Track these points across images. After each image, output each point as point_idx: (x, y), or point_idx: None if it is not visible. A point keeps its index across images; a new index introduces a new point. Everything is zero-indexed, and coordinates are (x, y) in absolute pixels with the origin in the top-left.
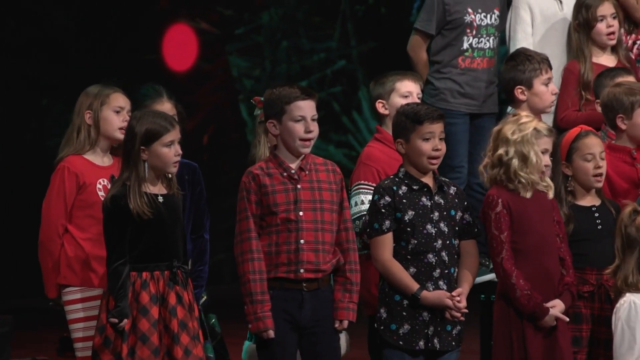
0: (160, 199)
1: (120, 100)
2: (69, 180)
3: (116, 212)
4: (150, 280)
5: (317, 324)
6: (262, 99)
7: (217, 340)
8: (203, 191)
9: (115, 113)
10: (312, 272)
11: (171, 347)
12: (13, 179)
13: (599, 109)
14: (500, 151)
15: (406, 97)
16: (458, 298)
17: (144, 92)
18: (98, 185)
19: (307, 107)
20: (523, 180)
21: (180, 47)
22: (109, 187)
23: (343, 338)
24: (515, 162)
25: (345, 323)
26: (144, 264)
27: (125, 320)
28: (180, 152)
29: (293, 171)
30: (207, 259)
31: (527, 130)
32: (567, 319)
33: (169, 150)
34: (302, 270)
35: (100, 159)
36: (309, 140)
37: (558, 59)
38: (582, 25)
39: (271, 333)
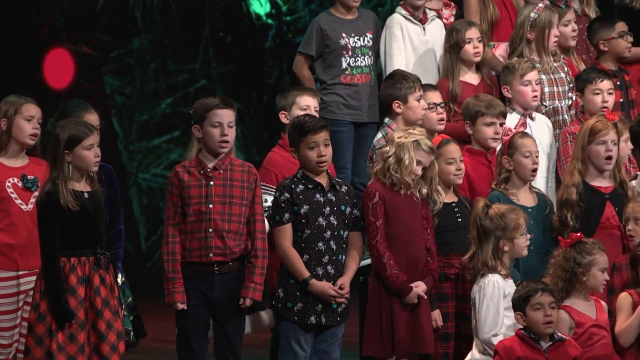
0: (86, 195)
1: (31, 109)
2: None
3: (50, 206)
4: (77, 265)
5: (227, 303)
6: None
7: (135, 315)
8: (117, 188)
9: (27, 121)
10: (221, 256)
11: (96, 322)
12: None
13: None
14: (384, 149)
15: (304, 109)
16: (341, 292)
17: (75, 104)
18: (7, 183)
19: (224, 115)
20: (394, 179)
21: (58, 68)
22: (19, 185)
23: (265, 315)
24: (391, 160)
25: (248, 301)
26: (71, 250)
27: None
28: (100, 154)
29: (209, 170)
30: (122, 243)
31: (409, 139)
32: (425, 297)
33: (90, 153)
34: (211, 255)
35: (12, 160)
36: (225, 142)
37: (420, 78)
38: (452, 46)
39: (179, 306)
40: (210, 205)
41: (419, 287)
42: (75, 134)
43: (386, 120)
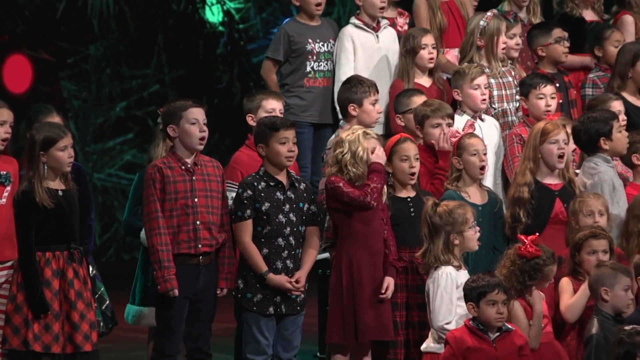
0: (60, 193)
1: (4, 114)
2: None
3: (26, 204)
4: (52, 259)
5: (208, 292)
6: None
7: (106, 306)
8: (87, 186)
9: (0, 125)
10: (207, 247)
11: (69, 313)
12: None
13: (400, 122)
14: (337, 151)
15: (270, 112)
16: (297, 285)
17: (38, 109)
18: None
19: (199, 113)
20: (352, 174)
21: (18, 73)
22: None
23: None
24: (347, 157)
25: (225, 291)
26: (46, 245)
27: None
28: (73, 154)
29: (189, 165)
30: (92, 238)
31: (358, 132)
32: (389, 297)
33: (64, 154)
34: (200, 246)
35: None
36: (203, 139)
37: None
38: (408, 51)
39: (176, 292)
40: (196, 199)
41: (388, 283)
42: (50, 135)
43: (341, 122)
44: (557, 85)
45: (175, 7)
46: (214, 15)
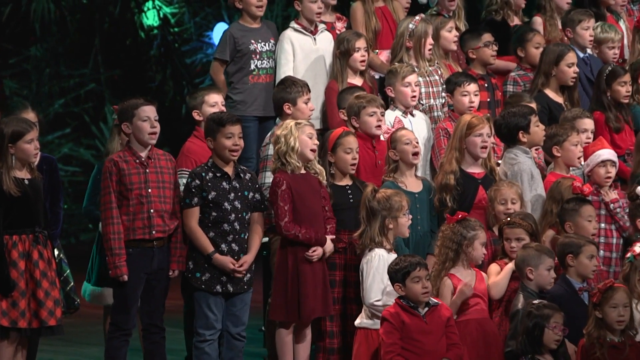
0: (26, 181)
1: None
2: None
3: None
4: (18, 242)
5: (159, 271)
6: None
7: (70, 287)
8: (59, 177)
9: None
10: (161, 233)
11: (35, 290)
12: None
13: (343, 116)
14: (276, 147)
15: (213, 106)
16: (240, 268)
17: (14, 105)
18: None
19: (150, 111)
20: (292, 165)
21: None
22: None
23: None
24: (283, 149)
25: (177, 272)
26: (13, 229)
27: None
28: (39, 146)
29: (143, 159)
30: (60, 224)
31: (290, 124)
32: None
33: (30, 146)
34: (154, 232)
35: None
36: (154, 134)
37: (312, 80)
38: (342, 53)
39: (126, 277)
40: (149, 190)
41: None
42: (17, 129)
43: (277, 120)
44: (486, 85)
45: (112, 8)
46: (149, 19)
